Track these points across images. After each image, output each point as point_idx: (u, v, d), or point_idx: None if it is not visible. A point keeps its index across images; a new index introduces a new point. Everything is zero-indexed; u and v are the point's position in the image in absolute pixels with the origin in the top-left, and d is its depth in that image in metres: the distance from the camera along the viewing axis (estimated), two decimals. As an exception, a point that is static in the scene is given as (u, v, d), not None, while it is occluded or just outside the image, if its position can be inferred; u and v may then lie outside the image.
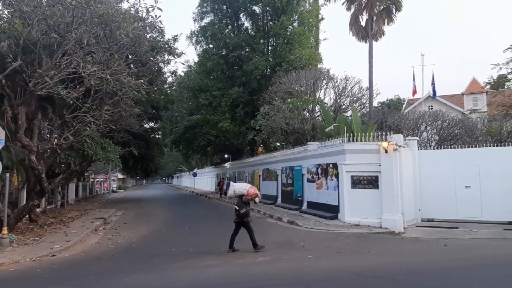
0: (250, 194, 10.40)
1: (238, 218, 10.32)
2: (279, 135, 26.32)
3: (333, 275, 7.48)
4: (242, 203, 10.31)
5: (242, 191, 10.47)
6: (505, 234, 12.56)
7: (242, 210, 10.18)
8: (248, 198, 10.41)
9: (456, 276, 7.32)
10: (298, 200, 20.06)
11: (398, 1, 21.33)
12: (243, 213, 10.18)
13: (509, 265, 8.28)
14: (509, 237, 12.07)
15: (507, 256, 9.46)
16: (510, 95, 25.52)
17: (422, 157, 16.18)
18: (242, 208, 10.22)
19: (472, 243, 11.37)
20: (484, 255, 9.75)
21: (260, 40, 32.91)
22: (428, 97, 34.00)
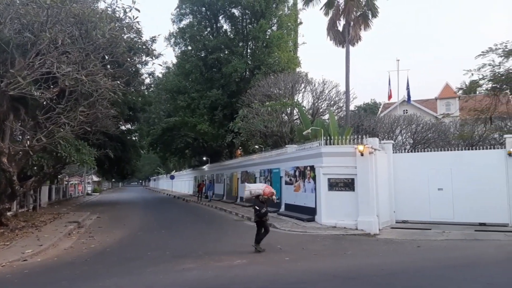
0: (266, 193, 10.61)
1: (257, 217, 10.52)
2: (257, 138, 26.39)
3: (309, 277, 7.55)
4: (260, 203, 10.54)
5: (258, 191, 10.66)
6: (476, 235, 12.96)
7: (262, 210, 10.43)
8: (265, 197, 10.60)
9: (429, 276, 7.51)
10: (276, 202, 20.04)
11: (375, 8, 21.80)
12: (264, 213, 10.43)
13: (480, 265, 8.55)
14: (480, 238, 12.45)
15: (478, 256, 9.77)
16: (481, 100, 26.43)
17: (397, 160, 16.53)
18: (262, 208, 10.46)
19: (445, 244, 11.69)
20: (456, 255, 10.03)
21: (239, 43, 32.95)
22: (403, 102, 34.82)
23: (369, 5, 21.64)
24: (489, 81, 26.12)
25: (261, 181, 22.95)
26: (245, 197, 11.16)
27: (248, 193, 10.84)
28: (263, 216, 10.46)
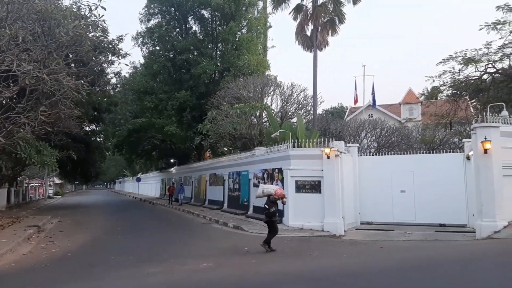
0: (277, 194, 10.88)
1: (267, 217, 10.83)
2: (226, 140, 26.32)
3: (275, 279, 7.59)
4: (271, 203, 10.82)
5: (270, 191, 10.98)
6: (436, 235, 13.46)
7: (272, 209, 10.71)
8: (276, 198, 10.84)
9: (390, 276, 7.72)
10: (245, 205, 20.15)
11: (342, 14, 22.29)
12: (272, 212, 10.69)
13: (439, 265, 8.88)
14: (440, 238, 12.94)
15: (437, 256, 10.13)
16: (442, 105, 27.57)
17: (362, 163, 16.95)
18: (271, 207, 10.74)
19: (406, 245, 12.08)
20: (416, 256, 10.37)
21: (209, 45, 32.80)
22: (369, 106, 35.76)
23: (336, 11, 22.10)
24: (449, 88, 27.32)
25: (229, 184, 22.91)
26: (256, 195, 11.48)
27: (260, 191, 11.21)
28: (272, 215, 10.70)
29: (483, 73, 24.90)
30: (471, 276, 7.38)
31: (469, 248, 11.00)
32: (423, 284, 6.98)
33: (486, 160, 12.58)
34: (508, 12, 22.15)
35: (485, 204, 12.43)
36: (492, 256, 9.56)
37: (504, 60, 24.44)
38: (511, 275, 7.38)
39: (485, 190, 12.43)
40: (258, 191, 11.36)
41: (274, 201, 10.88)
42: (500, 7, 22.34)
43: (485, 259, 9.16)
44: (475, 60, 24.18)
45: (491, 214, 12.30)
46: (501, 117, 13.93)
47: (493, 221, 12.21)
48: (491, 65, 24.57)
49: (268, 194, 10.94)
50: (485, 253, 10.09)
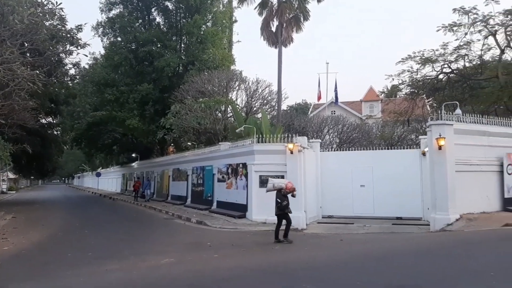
0: (288, 188, 11.10)
1: (279, 210, 11.03)
2: (190, 135, 26.00)
3: (236, 273, 7.61)
4: (282, 196, 11.05)
5: (281, 185, 11.18)
6: (393, 228, 13.99)
7: (284, 202, 10.95)
8: (287, 192, 11.07)
9: (350, 268, 7.96)
10: (208, 200, 20.05)
11: (306, 11, 22.56)
12: (285, 205, 10.94)
13: (394, 256, 9.25)
14: (396, 231, 13.46)
15: (393, 248, 10.54)
16: (401, 103, 28.59)
17: (324, 158, 17.30)
18: (283, 200, 10.98)
19: (365, 237, 12.48)
20: (375, 247, 10.74)
21: (173, 37, 32.16)
22: (331, 103, 36.49)
23: (301, 8, 22.34)
24: (407, 86, 28.37)
25: (193, 179, 22.69)
26: (267, 189, 11.56)
27: (271, 185, 11.33)
28: (285, 208, 10.95)
29: (439, 73, 26.04)
30: (423, 267, 7.73)
31: (423, 240, 11.52)
32: (380, 275, 7.24)
33: (440, 156, 13.18)
34: (464, 14, 23.22)
35: (439, 198, 13.04)
36: (444, 247, 10.05)
37: (459, 61, 25.67)
38: (460, 266, 7.81)
39: (439, 185, 13.04)
40: (269, 185, 11.47)
41: (285, 195, 11.08)
42: (456, 10, 23.37)
43: (437, 251, 9.62)
44: (432, 60, 25.23)
45: (444, 208, 12.93)
46: (454, 115, 14.65)
47: (446, 214, 12.85)
48: (447, 65, 25.74)
49: (279, 188, 11.13)
50: (437, 244, 10.59)
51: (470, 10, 22.87)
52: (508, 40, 23.39)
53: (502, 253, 9.05)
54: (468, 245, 10.16)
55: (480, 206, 14.10)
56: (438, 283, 6.59)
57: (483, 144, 14.61)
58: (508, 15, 22.18)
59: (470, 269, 7.45)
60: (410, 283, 6.63)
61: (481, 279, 6.66)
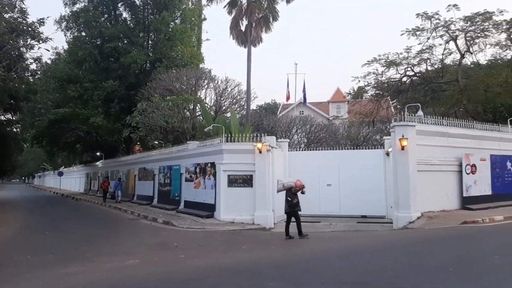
0: (298, 185, 11.61)
1: (290, 208, 11.49)
2: (157, 133, 25.54)
3: (202, 273, 7.52)
4: (292, 195, 11.54)
5: (291, 184, 11.64)
6: (357, 226, 14.30)
7: (294, 200, 11.47)
8: (297, 189, 11.56)
9: (315, 265, 8.05)
10: (176, 200, 19.75)
11: (275, 11, 22.68)
12: (296, 203, 11.47)
13: (358, 254, 9.46)
14: (361, 229, 13.76)
15: (358, 245, 10.78)
16: (366, 104, 29.32)
17: (292, 157, 17.45)
18: (294, 198, 11.49)
19: (331, 236, 12.68)
20: (340, 245, 10.94)
21: (140, 33, 31.47)
22: (300, 103, 36.89)
23: (270, 8, 22.44)
24: (373, 88, 29.14)
25: (159, 178, 22.29)
26: (277, 190, 12.07)
27: (281, 186, 11.80)
28: (295, 206, 11.47)
29: (403, 76, 26.91)
30: (386, 264, 7.96)
31: (386, 238, 11.84)
32: (344, 272, 7.39)
33: (403, 156, 13.60)
34: (427, 19, 24.10)
35: (401, 196, 13.45)
36: (405, 245, 10.39)
37: (421, 64, 26.64)
38: (421, 262, 8.09)
39: (402, 184, 13.45)
40: (279, 186, 11.88)
41: (295, 193, 11.54)
42: (419, 15, 24.22)
43: (399, 248, 9.95)
44: (396, 63, 26.04)
45: (406, 206, 13.35)
46: (417, 116, 15.16)
47: (408, 212, 13.28)
48: (410, 68, 26.66)
49: (290, 187, 11.61)
50: (400, 242, 10.94)
51: (433, 15, 23.77)
52: (467, 45, 24.49)
53: (460, 249, 9.46)
54: (429, 242, 10.54)
55: (440, 204, 14.68)
56: (400, 279, 6.78)
57: (443, 144, 15.21)
58: (468, 21, 23.22)
59: (430, 265, 7.71)
60: (373, 279, 6.79)
61: (440, 274, 6.92)
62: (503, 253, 8.57)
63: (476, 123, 17.26)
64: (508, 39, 23.77)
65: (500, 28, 22.96)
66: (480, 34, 23.64)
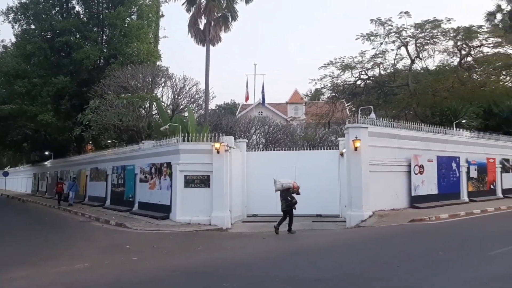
0: (295, 187, 12.51)
1: (287, 207, 12.33)
2: (111, 132, 24.71)
3: (156, 276, 7.35)
4: (291, 194, 12.36)
5: (289, 185, 12.46)
6: (313, 225, 14.57)
7: (294, 200, 12.36)
8: (294, 190, 12.42)
9: (270, 264, 8.13)
10: (129, 201, 19.16)
11: (234, 11, 22.65)
12: (294, 202, 12.36)
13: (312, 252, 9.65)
14: (316, 228, 14.04)
15: (313, 244, 11.01)
16: (322, 106, 30.04)
17: (250, 158, 17.49)
18: (293, 198, 12.37)
19: (286, 235, 12.81)
20: (295, 244, 11.10)
21: (94, 28, 30.20)
22: (259, 104, 37.11)
23: (229, 7, 22.38)
24: (329, 90, 29.91)
25: (113, 179, 21.53)
26: (276, 189, 12.68)
27: (279, 186, 12.50)
28: (293, 205, 12.35)
29: (357, 79, 27.86)
30: (339, 261, 8.19)
31: (340, 236, 12.18)
32: (299, 270, 7.50)
33: (356, 157, 14.05)
34: (380, 25, 25.09)
35: (354, 196, 13.89)
36: (357, 243, 10.75)
37: (375, 68, 27.71)
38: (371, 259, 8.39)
39: (355, 184, 13.89)
40: (277, 186, 12.54)
41: (293, 193, 12.39)
42: (373, 21, 25.16)
43: (351, 246, 10.28)
44: (351, 67, 26.90)
45: (359, 205, 13.81)
46: (369, 119, 15.73)
47: (360, 211, 13.74)
48: (364, 72, 27.65)
49: (288, 187, 12.41)
50: (352, 240, 11.30)
51: (386, 21, 24.79)
52: (418, 51, 25.77)
53: (407, 246, 9.93)
54: (379, 240, 10.95)
55: (390, 203, 15.31)
56: (351, 276, 6.99)
57: (394, 146, 15.88)
58: (418, 28, 24.43)
59: (380, 262, 8.01)
60: (327, 276, 6.95)
61: (389, 270, 7.21)
62: (446, 249, 9.07)
63: (424, 125, 18.20)
64: (455, 46, 25.27)
65: (448, 35, 24.37)
66: (429, 41, 24.96)
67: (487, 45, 24.85)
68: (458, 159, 18.56)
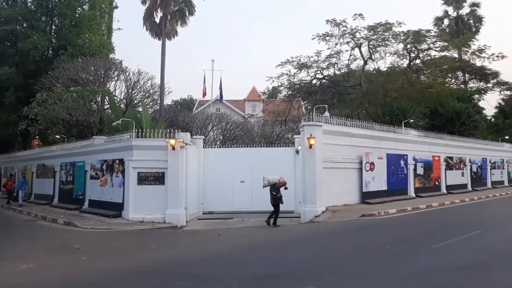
0: (281, 182, 13.17)
1: (274, 201, 13.07)
2: (60, 127, 23.50)
3: (106, 276, 7.10)
4: (277, 189, 13.12)
5: (275, 180, 13.19)
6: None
7: (278, 195, 13.10)
8: (280, 185, 13.10)
9: (223, 261, 8.11)
10: (79, 199, 18.36)
11: (192, 6, 22.36)
12: (279, 197, 13.09)
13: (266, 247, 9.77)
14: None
15: (267, 240, 11.12)
16: (279, 104, 30.37)
17: (207, 154, 17.34)
18: (278, 193, 13.11)
19: (242, 231, 12.88)
20: (250, 240, 11.17)
21: (42, 17, 28.61)
22: (216, 100, 36.93)
23: (186, 1, 22.06)
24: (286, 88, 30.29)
25: (61, 176, 20.52)
26: (263, 185, 13.38)
27: (266, 182, 13.23)
28: (279, 199, 13.04)
29: (313, 78, 28.40)
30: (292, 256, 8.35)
31: (294, 232, 12.41)
32: (252, 266, 7.56)
33: (310, 154, 14.35)
34: (335, 26, 25.69)
35: (308, 192, 14.19)
36: (311, 238, 11.03)
37: (330, 68, 28.39)
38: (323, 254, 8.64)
39: (309, 180, 14.19)
40: (264, 182, 13.27)
41: (279, 188, 13.06)
42: (329, 21, 25.72)
43: (305, 241, 10.55)
44: (307, 66, 27.38)
45: (313, 201, 14.13)
46: (323, 117, 16.13)
47: (314, 207, 14.06)
48: (320, 71, 28.23)
49: (274, 183, 13.11)
50: (306, 235, 11.57)
51: (341, 22, 25.43)
52: (370, 53, 26.68)
53: (358, 240, 10.30)
54: (331, 235, 11.28)
55: (343, 199, 15.81)
56: (304, 271, 7.13)
57: (347, 144, 16.39)
58: (371, 30, 25.28)
59: (331, 256, 8.25)
60: (280, 271, 7.05)
61: (340, 264, 7.45)
62: (394, 242, 9.51)
63: (375, 124, 18.93)
64: (404, 49, 26.44)
65: (398, 38, 25.44)
66: (381, 43, 25.94)
67: (435, 49, 26.23)
68: (406, 156, 19.49)
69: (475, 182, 25.59)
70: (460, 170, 24.30)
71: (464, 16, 43.52)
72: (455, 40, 28.52)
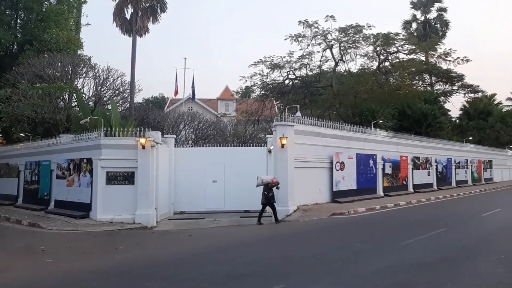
0: (274, 182, 13.50)
1: (266, 200, 13.42)
2: (24, 125, 22.66)
3: (72, 278, 6.89)
4: (269, 189, 13.42)
5: (268, 180, 13.50)
6: (241, 221, 14.69)
7: (270, 194, 13.40)
8: (273, 185, 13.41)
9: (194, 262, 8.04)
10: (45, 199, 17.74)
11: (164, 2, 22.06)
12: (271, 196, 13.42)
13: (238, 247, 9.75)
14: (244, 223, 14.18)
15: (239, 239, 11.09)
16: (252, 104, 30.44)
17: (178, 154, 17.13)
18: (270, 192, 13.40)
19: (214, 231, 12.80)
20: (221, 240, 11.08)
21: (7, 11, 27.47)
22: (189, 99, 36.48)
23: (158, -2, 21.73)
24: (259, 88, 30.40)
25: (26, 175, 19.76)
26: (257, 184, 13.61)
27: (260, 181, 13.50)
28: (271, 199, 13.40)
29: (285, 78, 28.63)
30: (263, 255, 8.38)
31: (266, 231, 12.43)
32: (224, 265, 7.54)
33: (283, 153, 14.45)
34: (307, 27, 25.99)
35: (281, 191, 14.27)
36: (282, 237, 11.10)
37: (302, 69, 28.68)
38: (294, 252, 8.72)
39: (281, 179, 14.28)
40: (258, 181, 13.51)
41: (271, 187, 13.39)
42: (301, 22, 25.98)
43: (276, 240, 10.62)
44: (280, 66, 27.57)
45: (285, 200, 14.24)
46: (295, 117, 16.27)
47: (286, 206, 14.17)
48: (292, 72, 28.48)
49: (267, 182, 13.41)
50: (277, 234, 11.62)
51: (313, 24, 25.75)
52: (341, 54, 27.16)
53: (328, 239, 10.47)
54: (302, 234, 11.40)
55: (314, 198, 16.01)
56: (274, 270, 7.17)
57: (318, 143, 16.62)
58: (342, 32, 25.73)
59: (302, 255, 8.33)
60: (251, 271, 7.06)
61: (309, 262, 7.53)
62: (363, 240, 9.72)
63: (346, 125, 19.30)
64: (374, 51, 27.08)
65: (368, 41, 26.01)
66: (352, 45, 26.45)
67: (403, 52, 27.01)
68: (375, 156, 19.97)
69: (441, 181, 26.55)
70: (427, 169, 25.14)
71: (432, 20, 45.05)
72: (423, 43, 29.46)
